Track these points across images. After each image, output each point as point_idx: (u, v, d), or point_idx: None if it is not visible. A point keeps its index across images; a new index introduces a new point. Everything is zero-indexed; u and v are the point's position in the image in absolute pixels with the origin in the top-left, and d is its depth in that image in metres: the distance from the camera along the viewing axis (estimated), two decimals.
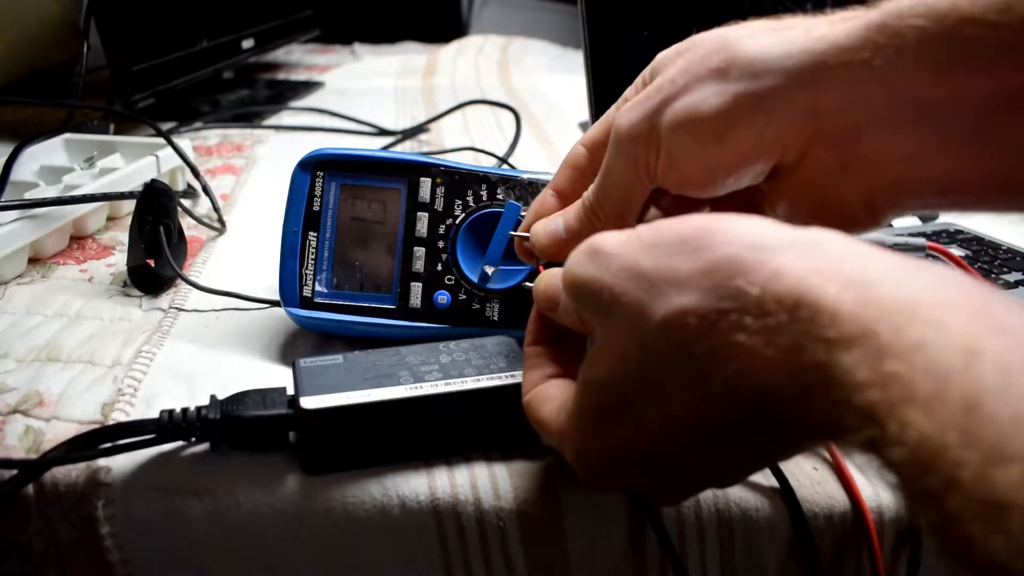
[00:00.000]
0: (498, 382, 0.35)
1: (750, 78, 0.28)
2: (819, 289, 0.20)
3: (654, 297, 0.23)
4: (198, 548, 0.34)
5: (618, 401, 0.25)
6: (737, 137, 0.29)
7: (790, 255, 0.21)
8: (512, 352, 0.37)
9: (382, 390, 0.34)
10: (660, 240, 0.25)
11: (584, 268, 0.27)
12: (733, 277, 0.22)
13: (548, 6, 1.88)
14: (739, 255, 0.22)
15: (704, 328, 0.22)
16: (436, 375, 0.35)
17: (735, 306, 0.21)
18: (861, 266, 0.20)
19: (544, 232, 0.35)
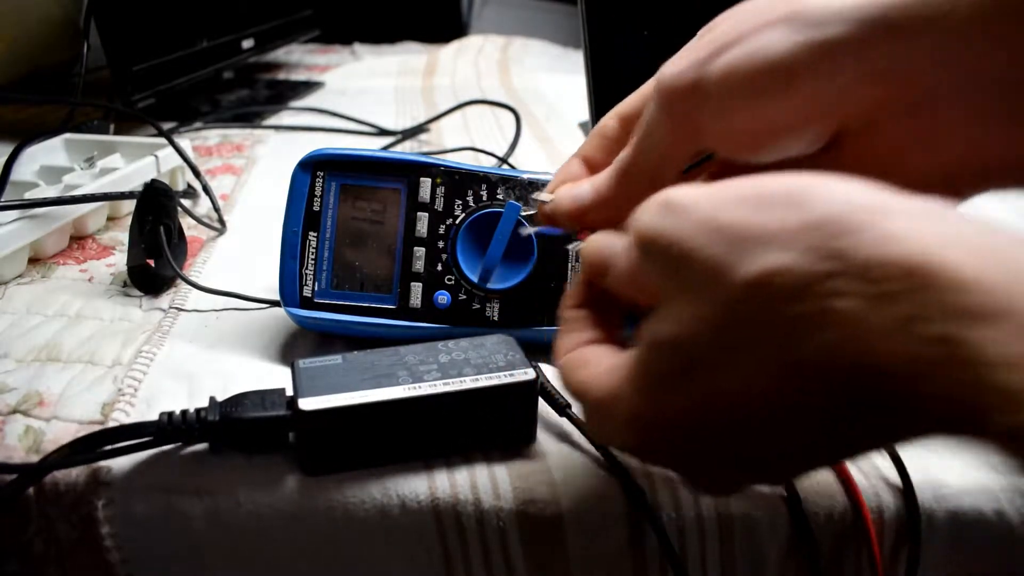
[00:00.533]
0: (497, 381, 0.35)
1: (817, 26, 0.25)
2: (942, 255, 0.18)
3: (739, 254, 0.21)
4: (198, 548, 0.34)
5: (687, 364, 0.23)
6: (800, 88, 0.26)
7: (903, 217, 0.19)
8: (511, 350, 0.37)
9: (380, 390, 0.34)
10: (745, 194, 0.22)
11: (657, 220, 0.24)
12: (835, 236, 0.20)
13: (548, 6, 1.87)
14: (842, 213, 0.20)
15: (799, 290, 0.20)
16: (435, 374, 0.35)
17: (837, 268, 0.19)
18: (986, 232, 0.19)
19: (568, 195, 0.32)
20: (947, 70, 0.25)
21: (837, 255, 0.19)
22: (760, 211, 0.21)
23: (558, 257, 0.43)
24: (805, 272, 0.20)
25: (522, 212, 0.42)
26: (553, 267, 0.43)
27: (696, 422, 0.23)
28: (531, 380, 0.35)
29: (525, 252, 0.42)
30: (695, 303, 0.22)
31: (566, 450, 0.37)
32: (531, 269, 0.42)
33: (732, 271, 0.21)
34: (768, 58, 0.26)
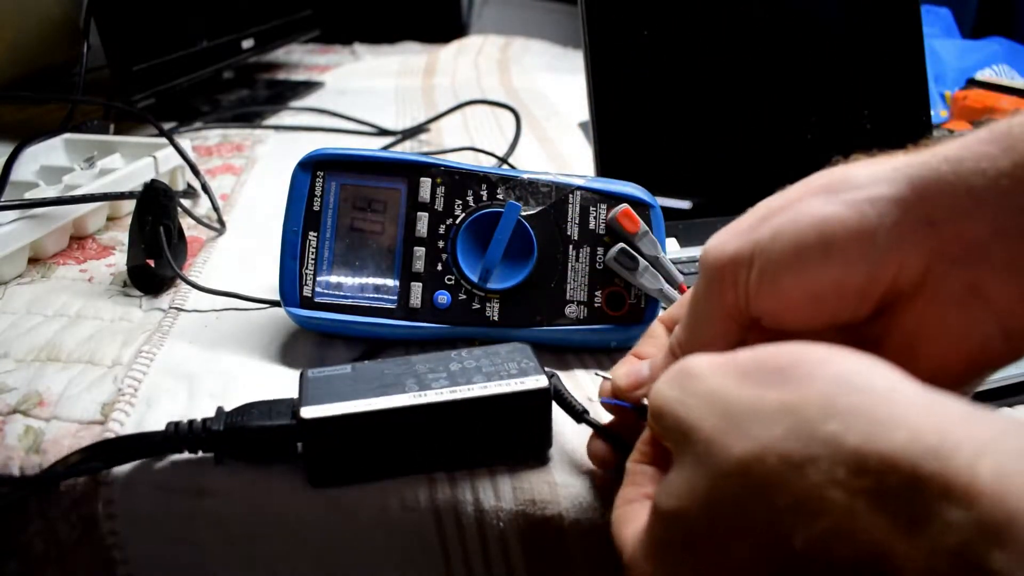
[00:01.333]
0: (507, 389, 0.33)
1: (856, 188, 0.25)
2: (940, 455, 0.17)
3: (734, 430, 0.21)
4: (199, 548, 0.34)
5: (688, 537, 0.23)
6: (844, 246, 0.25)
7: (898, 406, 0.19)
8: (525, 358, 0.35)
9: (385, 399, 0.33)
10: (755, 367, 0.22)
11: (667, 389, 0.25)
12: (824, 420, 0.19)
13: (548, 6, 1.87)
14: (832, 394, 0.19)
15: (788, 473, 0.19)
16: (443, 382, 0.34)
17: (826, 453, 0.19)
18: (990, 430, 0.18)
19: (625, 372, 0.32)
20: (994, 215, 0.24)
21: (827, 440, 0.19)
22: (763, 385, 0.21)
23: (558, 257, 0.43)
24: (792, 455, 0.19)
25: (522, 212, 0.42)
26: (553, 267, 0.43)
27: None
28: (543, 388, 0.34)
29: (525, 252, 0.42)
30: (693, 477, 0.22)
31: (566, 450, 0.37)
32: (531, 269, 0.42)
33: (726, 447, 0.21)
34: (811, 221, 0.26)
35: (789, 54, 0.57)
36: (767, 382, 0.21)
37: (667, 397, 0.25)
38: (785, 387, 0.21)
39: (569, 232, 0.43)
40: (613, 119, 0.55)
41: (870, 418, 0.19)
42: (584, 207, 0.43)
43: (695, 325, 0.30)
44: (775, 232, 0.26)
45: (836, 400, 0.20)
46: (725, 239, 0.28)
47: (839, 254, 0.25)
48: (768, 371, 0.22)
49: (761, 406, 0.21)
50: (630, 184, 0.44)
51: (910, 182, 0.25)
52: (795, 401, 0.20)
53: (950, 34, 1.13)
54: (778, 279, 0.26)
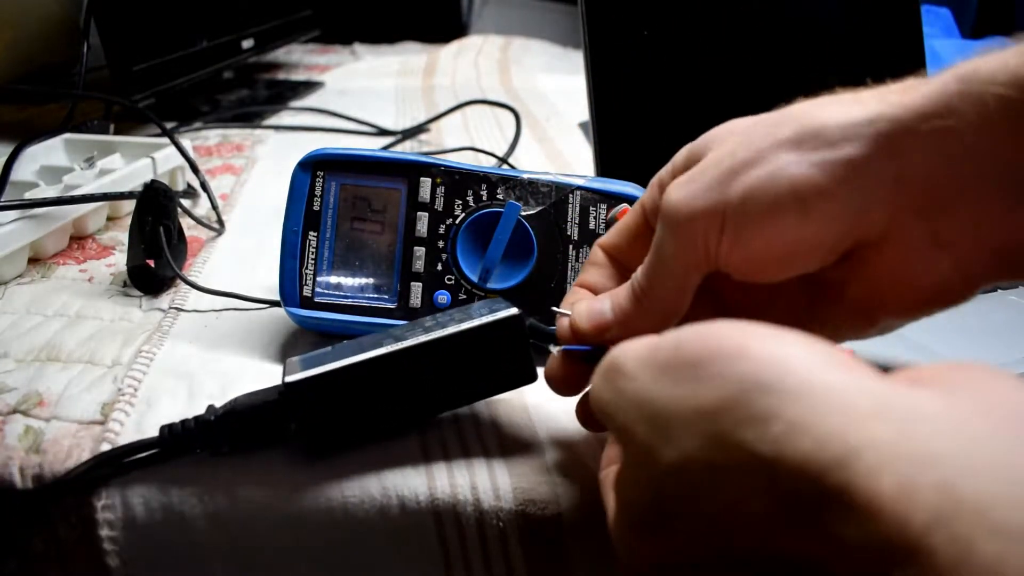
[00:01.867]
0: (480, 322, 0.34)
1: (828, 146, 0.26)
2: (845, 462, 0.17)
3: (661, 437, 0.21)
4: (198, 548, 0.34)
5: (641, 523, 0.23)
6: (819, 209, 0.26)
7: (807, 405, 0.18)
8: (495, 303, 0.36)
9: (363, 354, 0.34)
10: (676, 361, 0.22)
11: (602, 390, 0.25)
12: (736, 427, 0.19)
13: (548, 6, 1.87)
14: (744, 399, 0.19)
15: (713, 481, 0.20)
16: (419, 334, 0.35)
17: (744, 462, 0.19)
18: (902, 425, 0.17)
19: (587, 313, 0.32)
20: (957, 169, 0.25)
21: (740, 450, 0.19)
22: (684, 383, 0.21)
23: (558, 257, 0.43)
24: (713, 464, 0.20)
25: (522, 212, 0.42)
26: (553, 267, 0.43)
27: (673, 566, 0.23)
28: (515, 314, 0.34)
29: (525, 252, 0.42)
30: (638, 473, 0.23)
31: (566, 450, 0.37)
32: (531, 269, 0.42)
33: (657, 454, 0.21)
34: (782, 184, 0.26)
35: (789, 54, 0.57)
36: (684, 379, 0.21)
37: (603, 399, 0.25)
38: (700, 387, 0.21)
39: (569, 232, 0.43)
40: (613, 119, 0.55)
41: (780, 424, 0.18)
42: (584, 207, 0.43)
43: (658, 274, 0.30)
44: (747, 192, 0.27)
45: (748, 405, 0.19)
46: (693, 193, 0.28)
47: (814, 217, 0.26)
48: (685, 366, 0.22)
49: (680, 411, 0.21)
50: (630, 184, 0.44)
51: (881, 140, 0.25)
52: (710, 406, 0.20)
53: (950, 34, 1.14)
54: (750, 239, 0.27)
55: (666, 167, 0.32)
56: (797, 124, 0.27)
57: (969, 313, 0.48)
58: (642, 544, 0.23)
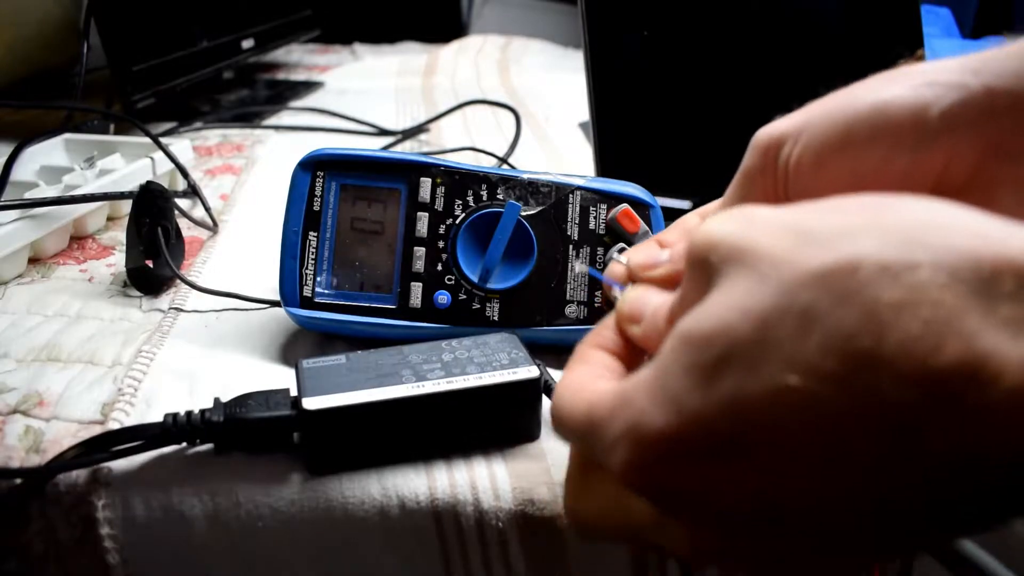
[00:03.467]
0: (500, 379, 0.35)
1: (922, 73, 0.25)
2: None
3: (813, 245, 0.19)
4: (198, 548, 0.34)
5: (717, 361, 0.19)
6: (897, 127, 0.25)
7: (1005, 223, 0.18)
8: (514, 348, 0.37)
9: (384, 389, 0.34)
10: (830, 203, 0.20)
11: (724, 223, 0.21)
12: (928, 231, 0.18)
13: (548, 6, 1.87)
14: (929, 211, 0.18)
15: (882, 279, 0.17)
16: (438, 373, 0.35)
17: (931, 259, 0.17)
18: None
19: (644, 255, 0.29)
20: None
21: (933, 246, 0.17)
22: (844, 212, 0.20)
23: (558, 257, 0.43)
24: (894, 260, 0.17)
25: (522, 212, 0.42)
26: (553, 267, 0.43)
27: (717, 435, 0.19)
28: (535, 378, 0.35)
29: (525, 252, 0.42)
30: (748, 295, 0.19)
31: (566, 450, 0.36)
32: (531, 269, 0.42)
33: (803, 260, 0.19)
34: (866, 101, 0.25)
35: (789, 53, 0.57)
36: (853, 210, 0.20)
37: (724, 229, 0.21)
38: (875, 211, 0.19)
39: (569, 232, 0.43)
40: (613, 119, 0.55)
41: (977, 230, 0.18)
42: (584, 207, 0.43)
43: (739, 198, 0.28)
44: (826, 111, 0.26)
45: (935, 217, 0.18)
46: (778, 121, 0.27)
47: (888, 133, 0.24)
48: (852, 204, 0.20)
49: (848, 225, 0.19)
50: (630, 184, 0.44)
51: (976, 70, 0.24)
52: (888, 219, 0.18)
53: (950, 34, 1.13)
54: (822, 157, 0.25)
55: None
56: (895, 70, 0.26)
57: None
58: (702, 393, 0.19)
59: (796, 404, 0.18)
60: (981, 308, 0.17)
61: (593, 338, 0.28)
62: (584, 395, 0.24)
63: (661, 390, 0.20)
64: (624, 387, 0.22)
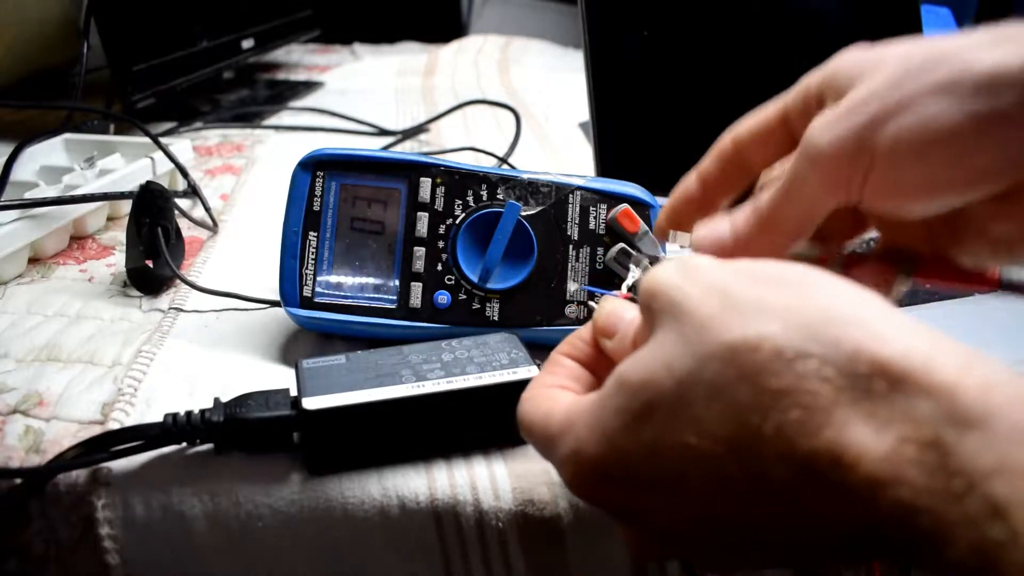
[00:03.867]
0: (500, 379, 0.35)
1: (986, 95, 0.25)
2: (931, 364, 0.19)
3: (732, 316, 0.22)
4: (198, 548, 0.34)
5: (646, 408, 0.23)
6: (973, 158, 0.26)
7: (894, 323, 0.20)
8: (514, 348, 0.37)
9: (384, 389, 0.34)
10: (759, 272, 0.23)
11: (668, 274, 0.25)
12: (827, 323, 0.20)
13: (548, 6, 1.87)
14: (840, 306, 0.21)
15: (778, 364, 0.20)
16: (438, 373, 0.35)
17: (820, 352, 0.20)
18: (979, 355, 0.20)
19: (708, 238, 0.31)
20: None
21: (826, 341, 0.20)
22: (767, 286, 0.22)
23: (558, 257, 0.43)
24: (789, 346, 0.20)
25: (522, 212, 0.42)
26: (553, 267, 0.43)
27: (637, 471, 0.23)
28: (534, 378, 0.35)
29: (525, 252, 0.42)
30: (675, 353, 0.23)
31: None
32: (531, 269, 0.42)
33: (719, 329, 0.22)
34: (937, 133, 0.26)
35: (789, 53, 0.57)
36: (773, 284, 0.22)
37: (668, 281, 0.25)
38: (791, 290, 0.22)
39: (569, 232, 0.43)
40: (613, 119, 0.55)
41: (869, 329, 0.20)
42: (584, 207, 0.43)
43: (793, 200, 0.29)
44: (897, 138, 0.26)
45: (838, 310, 0.21)
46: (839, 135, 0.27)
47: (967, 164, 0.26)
48: (774, 277, 0.23)
49: (764, 302, 0.22)
50: (630, 184, 0.44)
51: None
52: (798, 303, 0.21)
53: None
54: (896, 182, 0.27)
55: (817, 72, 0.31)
56: (948, 68, 0.26)
57: (969, 313, 0.48)
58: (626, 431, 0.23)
59: (699, 460, 0.22)
60: (854, 403, 0.19)
61: (565, 345, 0.31)
62: (542, 408, 0.27)
63: (599, 424, 0.24)
64: (571, 412, 0.26)
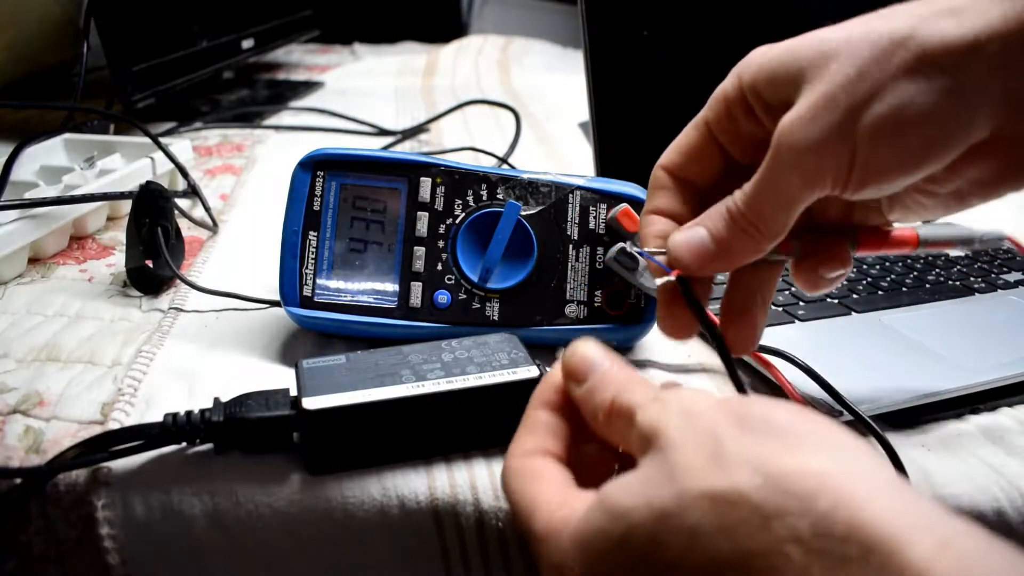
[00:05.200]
0: (500, 379, 0.35)
1: (948, 73, 0.27)
2: (906, 538, 0.19)
3: (716, 466, 0.22)
4: (198, 548, 0.34)
5: (624, 536, 0.23)
6: (944, 133, 0.27)
7: (875, 485, 0.20)
8: (514, 348, 0.37)
9: (384, 389, 0.34)
10: (749, 416, 0.23)
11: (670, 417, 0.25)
12: (803, 478, 0.21)
13: (548, 6, 1.87)
14: (820, 461, 0.21)
15: (755, 520, 0.21)
16: (438, 373, 0.35)
17: (797, 510, 0.20)
18: (960, 527, 0.20)
19: (686, 245, 0.31)
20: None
21: (802, 497, 0.20)
22: (754, 435, 0.23)
23: (558, 257, 0.43)
24: (768, 503, 0.21)
25: (522, 211, 0.42)
26: (553, 267, 0.43)
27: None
28: (535, 378, 0.35)
29: (525, 252, 0.42)
30: (659, 489, 0.23)
31: None
32: (531, 269, 0.42)
33: (703, 479, 0.22)
34: (913, 118, 0.27)
35: None
36: (757, 432, 0.23)
37: (669, 423, 0.25)
38: (773, 441, 0.22)
39: (569, 232, 0.43)
40: (613, 119, 0.55)
41: (847, 488, 0.20)
42: (584, 207, 0.43)
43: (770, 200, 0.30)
44: (876, 129, 0.27)
45: (818, 466, 0.21)
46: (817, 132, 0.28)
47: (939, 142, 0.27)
48: (761, 422, 0.23)
49: (747, 453, 0.22)
50: (630, 184, 0.44)
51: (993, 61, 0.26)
52: (780, 457, 0.21)
53: None
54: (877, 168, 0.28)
55: (731, 82, 0.32)
56: (907, 52, 0.27)
57: (969, 313, 0.48)
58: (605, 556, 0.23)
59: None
60: (826, 572, 0.19)
61: (538, 396, 0.30)
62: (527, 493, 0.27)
63: (582, 547, 0.24)
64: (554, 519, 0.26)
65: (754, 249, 0.31)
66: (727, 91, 0.32)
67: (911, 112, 0.27)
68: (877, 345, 0.44)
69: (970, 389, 0.40)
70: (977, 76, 0.27)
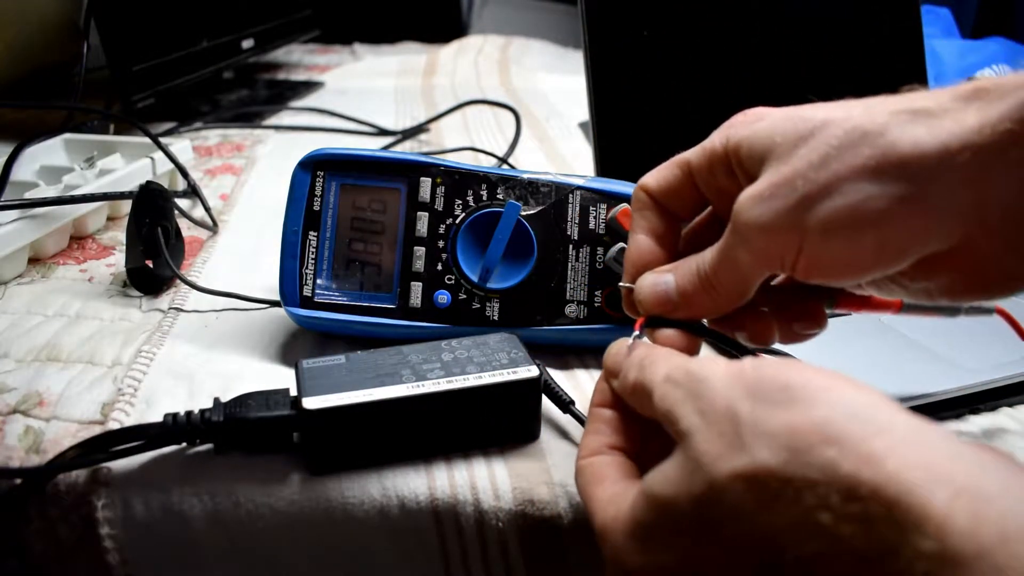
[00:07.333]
0: (500, 379, 0.35)
1: (911, 180, 0.26)
2: (923, 490, 0.19)
3: (737, 445, 0.22)
4: (198, 548, 0.34)
5: (674, 526, 0.24)
6: (900, 237, 0.27)
7: (892, 439, 0.21)
8: (514, 348, 0.37)
9: (384, 389, 0.34)
10: (762, 385, 0.23)
11: (674, 392, 0.26)
12: (824, 445, 0.21)
13: (548, 6, 1.87)
14: (838, 422, 0.21)
15: (786, 495, 0.21)
16: (438, 373, 0.35)
17: (822, 478, 0.21)
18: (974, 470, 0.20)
19: (652, 290, 0.32)
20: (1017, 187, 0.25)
21: (825, 466, 0.21)
22: (769, 404, 0.23)
23: (558, 257, 0.43)
24: (792, 479, 0.21)
25: (522, 212, 0.42)
26: (553, 267, 0.43)
27: None
28: (535, 377, 0.35)
29: (525, 252, 0.42)
30: (690, 474, 0.23)
31: (566, 450, 0.37)
32: (531, 269, 0.42)
33: (727, 460, 0.22)
34: (864, 219, 0.26)
35: (789, 54, 0.57)
36: (773, 401, 0.23)
37: (676, 397, 0.25)
38: (791, 408, 0.22)
39: (569, 232, 0.43)
40: (613, 119, 0.55)
41: (865, 447, 0.20)
42: (584, 207, 0.43)
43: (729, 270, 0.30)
44: (827, 222, 0.27)
45: (837, 427, 0.21)
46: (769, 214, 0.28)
47: (893, 245, 0.27)
48: (777, 389, 0.23)
49: (766, 427, 0.22)
50: (630, 184, 0.44)
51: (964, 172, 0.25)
52: (798, 423, 0.22)
53: (950, 34, 1.13)
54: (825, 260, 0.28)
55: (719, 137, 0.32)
56: (873, 149, 0.26)
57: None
58: (659, 549, 0.24)
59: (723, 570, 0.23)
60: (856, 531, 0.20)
61: (597, 394, 0.32)
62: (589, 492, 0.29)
63: (635, 540, 0.25)
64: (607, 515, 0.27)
65: (715, 309, 0.31)
66: (714, 145, 0.32)
67: (865, 211, 0.26)
68: (877, 345, 0.44)
69: (970, 389, 0.40)
70: (946, 185, 0.26)
